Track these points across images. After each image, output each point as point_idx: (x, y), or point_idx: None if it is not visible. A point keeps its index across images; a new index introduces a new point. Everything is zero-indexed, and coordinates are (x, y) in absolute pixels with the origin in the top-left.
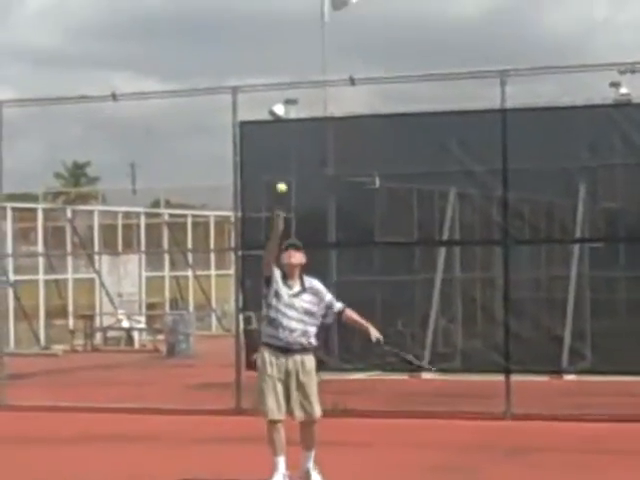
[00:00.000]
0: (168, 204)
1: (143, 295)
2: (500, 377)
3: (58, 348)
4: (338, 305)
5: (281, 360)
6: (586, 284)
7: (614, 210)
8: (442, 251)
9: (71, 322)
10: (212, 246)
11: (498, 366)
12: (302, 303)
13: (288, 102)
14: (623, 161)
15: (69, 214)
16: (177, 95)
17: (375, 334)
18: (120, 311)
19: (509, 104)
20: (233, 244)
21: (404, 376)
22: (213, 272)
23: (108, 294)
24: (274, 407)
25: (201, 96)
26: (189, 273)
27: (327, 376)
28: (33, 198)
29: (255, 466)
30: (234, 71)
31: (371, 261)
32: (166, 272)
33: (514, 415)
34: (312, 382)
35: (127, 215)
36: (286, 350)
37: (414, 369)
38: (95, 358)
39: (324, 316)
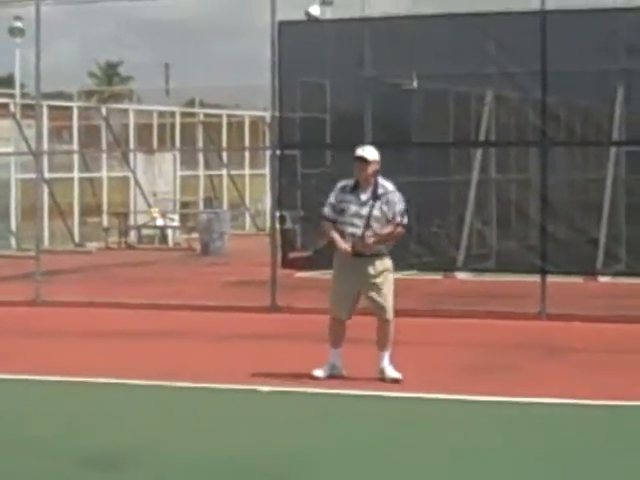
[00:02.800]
0: (202, 104)
1: (177, 194)
2: (534, 278)
3: (92, 245)
4: (397, 219)
5: (352, 264)
6: (622, 187)
7: None
8: (478, 153)
9: (105, 220)
10: (247, 146)
11: (533, 267)
12: (371, 210)
13: (324, 3)
14: None
15: (104, 112)
16: None
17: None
18: (154, 209)
19: (549, 6)
20: (268, 143)
21: (439, 276)
22: (247, 172)
23: (142, 192)
24: (339, 307)
25: None
26: (223, 172)
27: None
28: (67, 97)
29: (291, 359)
30: None
31: (407, 162)
32: (200, 171)
33: (549, 315)
34: (384, 284)
35: (162, 114)
36: (357, 255)
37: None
38: (129, 256)
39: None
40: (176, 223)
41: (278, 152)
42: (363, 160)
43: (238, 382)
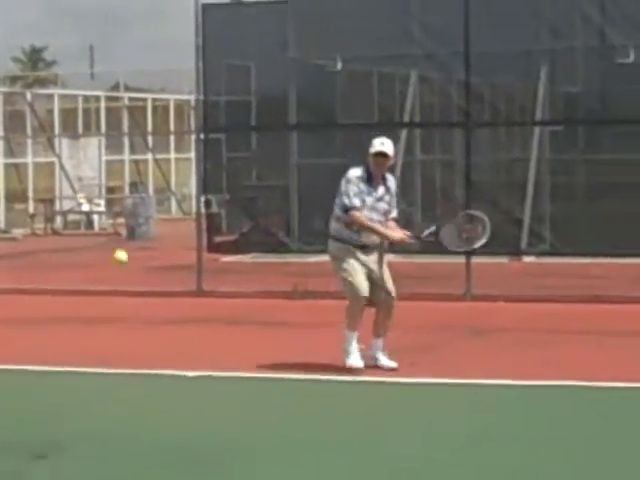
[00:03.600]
0: (127, 88)
1: (103, 179)
2: (460, 259)
3: (18, 232)
4: (393, 214)
5: (363, 254)
6: (546, 167)
7: (574, 93)
8: (403, 134)
9: (31, 206)
10: (172, 130)
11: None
12: (383, 204)
13: None
14: (584, 44)
15: (29, 98)
16: None
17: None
18: (80, 195)
19: None
20: (193, 127)
21: None
22: (173, 156)
23: (68, 178)
24: (365, 286)
25: None
26: (149, 157)
27: (287, 258)
28: None
29: (217, 344)
30: None
31: (332, 143)
32: (126, 156)
33: (474, 296)
34: (388, 271)
35: (87, 99)
36: (366, 247)
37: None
38: (56, 241)
39: None
40: (102, 208)
41: (202, 136)
42: (384, 156)
43: (164, 367)
